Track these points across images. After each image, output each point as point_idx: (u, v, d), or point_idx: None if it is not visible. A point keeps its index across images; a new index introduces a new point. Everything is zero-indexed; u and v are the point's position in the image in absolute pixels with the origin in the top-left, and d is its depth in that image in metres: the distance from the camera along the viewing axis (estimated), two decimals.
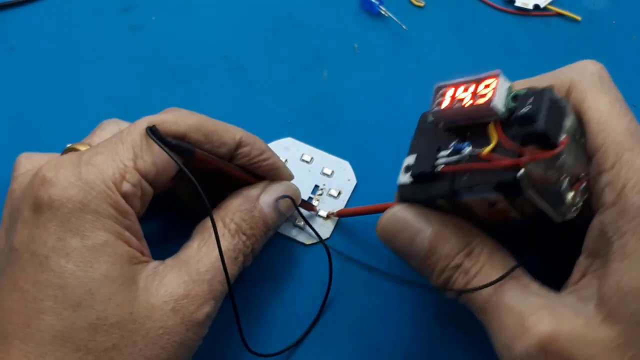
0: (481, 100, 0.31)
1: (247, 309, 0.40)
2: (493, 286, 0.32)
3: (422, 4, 0.50)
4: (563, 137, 0.30)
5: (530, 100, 0.30)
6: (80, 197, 0.31)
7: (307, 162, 0.44)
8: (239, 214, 0.37)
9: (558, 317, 0.30)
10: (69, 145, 0.37)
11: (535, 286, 0.32)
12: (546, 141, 0.30)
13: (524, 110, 0.30)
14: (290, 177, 0.40)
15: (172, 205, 0.40)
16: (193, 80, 0.48)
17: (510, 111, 0.31)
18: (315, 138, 0.45)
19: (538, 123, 0.29)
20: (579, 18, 0.49)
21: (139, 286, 0.32)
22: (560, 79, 0.34)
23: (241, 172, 0.38)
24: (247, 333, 0.37)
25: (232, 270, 0.35)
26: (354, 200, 0.43)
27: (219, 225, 0.36)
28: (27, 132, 0.46)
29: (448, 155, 0.32)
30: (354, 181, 0.44)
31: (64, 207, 0.31)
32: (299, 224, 0.42)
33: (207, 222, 0.36)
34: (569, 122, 0.31)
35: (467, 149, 0.31)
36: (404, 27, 0.49)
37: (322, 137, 0.46)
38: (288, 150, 0.45)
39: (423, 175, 0.33)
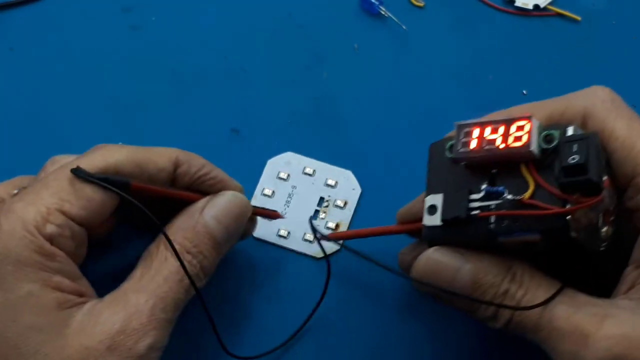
0: (517, 144, 0.31)
1: (244, 316, 0.40)
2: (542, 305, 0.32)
3: (422, 4, 0.50)
4: (604, 179, 0.31)
5: (575, 148, 0.30)
6: (0, 249, 0.31)
7: (309, 174, 0.44)
8: (181, 232, 0.35)
9: (622, 320, 0.30)
10: (14, 192, 0.35)
11: (583, 297, 0.32)
12: (592, 188, 0.30)
13: (574, 160, 0.30)
14: (238, 188, 0.39)
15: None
16: (193, 81, 0.48)
17: (543, 151, 0.31)
18: (315, 139, 0.46)
19: (590, 174, 0.30)
20: (579, 18, 0.49)
21: (71, 330, 0.31)
22: (573, 107, 0.34)
23: (186, 192, 0.37)
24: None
25: (179, 294, 0.34)
26: (361, 209, 0.43)
27: (161, 248, 0.34)
28: (27, 132, 0.46)
29: (482, 199, 0.32)
30: (358, 190, 0.44)
31: None
32: (308, 238, 0.42)
33: (151, 249, 0.35)
34: (603, 160, 0.32)
35: (506, 195, 0.31)
36: (403, 27, 0.49)
37: (322, 137, 0.46)
38: (289, 165, 0.45)
39: (458, 220, 0.32)
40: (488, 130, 0.32)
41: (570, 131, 0.32)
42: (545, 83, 0.47)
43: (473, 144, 0.32)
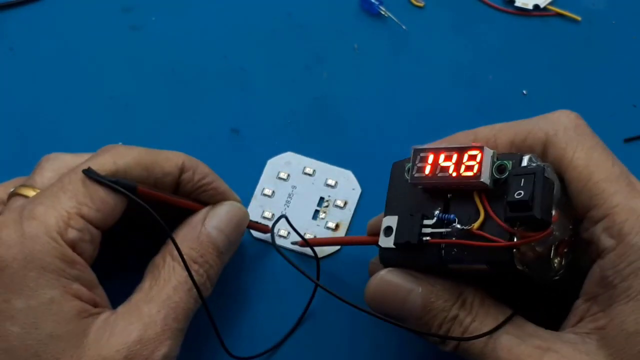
0: (468, 173, 0.31)
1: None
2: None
3: (422, 4, 0.50)
4: (553, 213, 0.31)
5: (522, 182, 0.30)
6: (24, 254, 0.31)
7: (309, 175, 0.44)
8: (186, 243, 0.35)
9: (562, 356, 0.30)
10: (12, 190, 0.35)
11: (531, 327, 0.32)
12: (537, 223, 0.30)
13: (518, 196, 0.30)
14: (237, 200, 0.39)
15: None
16: (193, 81, 0.48)
17: (495, 181, 0.31)
18: (315, 139, 0.46)
19: (535, 210, 0.29)
20: (578, 18, 0.49)
21: (89, 340, 0.31)
22: (535, 133, 0.34)
23: (187, 200, 0.37)
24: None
25: (189, 303, 0.34)
26: (361, 209, 0.43)
27: (167, 259, 0.35)
28: (27, 133, 0.46)
29: (433, 226, 0.32)
30: (358, 190, 0.44)
31: (9, 267, 0.31)
32: (308, 237, 0.42)
33: (157, 260, 0.35)
34: (555, 191, 0.31)
35: (456, 224, 0.31)
36: (403, 27, 0.49)
37: (322, 137, 0.46)
38: (289, 165, 0.45)
39: (410, 245, 0.33)
40: (442, 157, 0.32)
41: (525, 161, 0.31)
42: (545, 83, 0.47)
43: (427, 170, 0.33)
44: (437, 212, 0.33)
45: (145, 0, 0.51)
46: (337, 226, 0.43)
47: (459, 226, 0.31)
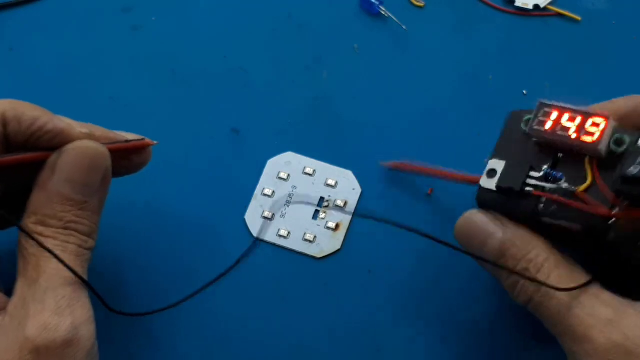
0: (588, 139, 0.33)
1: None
2: (568, 294, 0.32)
3: (422, 4, 0.50)
4: None
5: (638, 160, 0.31)
6: None
7: (310, 174, 0.44)
8: (42, 211, 0.32)
9: (625, 329, 0.30)
10: None
11: (608, 294, 0.32)
12: None
13: (635, 171, 0.30)
14: (82, 135, 0.34)
15: None
16: (193, 81, 0.48)
17: (610, 152, 0.32)
18: (315, 139, 0.46)
19: None
20: (579, 18, 0.49)
21: None
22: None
23: (23, 155, 0.32)
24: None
25: (72, 291, 0.32)
26: (361, 209, 0.43)
27: (30, 248, 0.32)
28: None
29: (539, 179, 0.34)
30: (358, 190, 0.44)
31: None
32: (308, 238, 0.42)
33: (22, 251, 0.32)
34: None
35: (562, 183, 0.33)
36: (404, 27, 0.49)
37: (322, 137, 0.46)
38: (289, 165, 0.45)
39: (511, 191, 0.34)
40: (566, 116, 0.33)
41: None
42: (545, 83, 0.47)
43: (548, 125, 0.34)
44: (545, 167, 0.34)
45: (145, 0, 0.51)
46: (337, 226, 0.43)
47: (565, 185, 0.33)
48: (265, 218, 0.43)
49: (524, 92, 0.47)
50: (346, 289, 0.41)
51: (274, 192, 0.44)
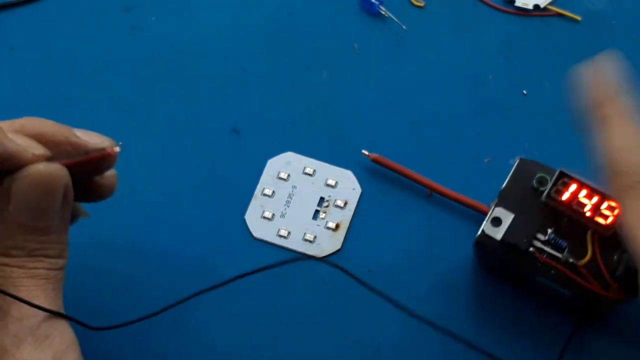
0: (601, 221, 0.34)
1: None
2: None
3: (422, 4, 0.50)
4: None
5: None
6: None
7: (309, 174, 0.44)
8: (2, 243, 0.31)
9: None
10: None
11: None
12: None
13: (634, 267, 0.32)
14: (35, 158, 0.31)
15: None
16: (193, 81, 0.48)
17: (614, 232, 0.34)
18: (315, 139, 0.46)
19: None
20: (579, 18, 0.49)
21: None
22: None
23: None
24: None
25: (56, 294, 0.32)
26: (361, 208, 0.43)
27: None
28: None
29: (544, 242, 0.36)
30: (358, 190, 0.44)
31: None
32: (308, 238, 0.42)
33: None
34: None
35: (566, 252, 0.35)
36: (404, 27, 0.49)
37: (322, 137, 0.46)
38: (289, 165, 0.45)
39: (516, 248, 0.36)
40: (583, 192, 0.35)
41: None
42: (545, 83, 0.47)
43: (565, 196, 0.35)
44: (550, 230, 0.36)
45: (145, 0, 0.51)
46: (337, 226, 0.43)
47: (568, 258, 0.35)
48: (265, 218, 0.43)
49: (524, 92, 0.47)
50: (346, 288, 0.41)
51: (274, 192, 0.44)
